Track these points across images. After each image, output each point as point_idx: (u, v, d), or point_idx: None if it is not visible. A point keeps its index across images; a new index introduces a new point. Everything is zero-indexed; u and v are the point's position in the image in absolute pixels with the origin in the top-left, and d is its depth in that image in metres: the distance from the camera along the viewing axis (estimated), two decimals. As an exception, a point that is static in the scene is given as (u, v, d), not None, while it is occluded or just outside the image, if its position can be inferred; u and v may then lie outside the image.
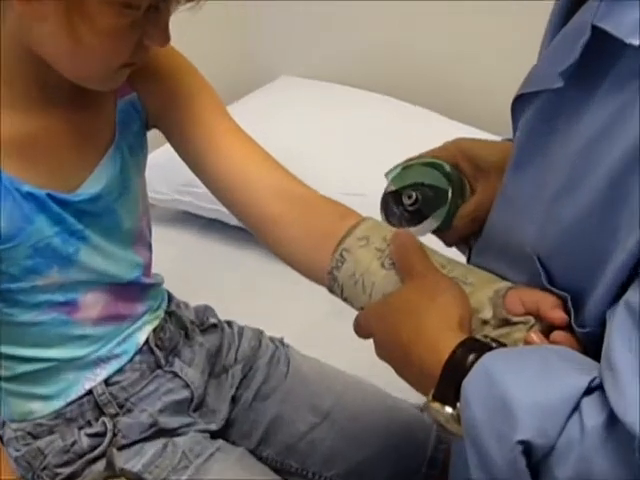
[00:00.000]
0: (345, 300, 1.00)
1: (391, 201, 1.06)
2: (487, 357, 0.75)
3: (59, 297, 1.01)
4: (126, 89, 1.02)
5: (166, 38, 0.90)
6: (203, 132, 1.05)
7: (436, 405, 0.77)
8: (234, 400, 1.21)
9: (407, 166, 1.06)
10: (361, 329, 0.93)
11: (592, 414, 0.67)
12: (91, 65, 0.90)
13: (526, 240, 0.84)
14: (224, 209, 1.85)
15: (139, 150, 1.07)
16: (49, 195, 0.95)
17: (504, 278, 0.91)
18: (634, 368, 0.65)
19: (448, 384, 0.76)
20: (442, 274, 0.92)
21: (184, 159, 1.08)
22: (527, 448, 0.69)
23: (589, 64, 0.74)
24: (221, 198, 1.08)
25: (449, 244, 1.05)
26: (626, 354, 0.66)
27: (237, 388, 1.21)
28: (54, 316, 1.02)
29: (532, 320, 0.85)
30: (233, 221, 1.89)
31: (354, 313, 1.69)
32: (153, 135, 1.10)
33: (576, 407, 0.68)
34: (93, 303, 1.05)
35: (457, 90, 2.17)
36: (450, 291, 0.87)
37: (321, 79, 2.27)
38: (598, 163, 0.73)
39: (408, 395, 1.34)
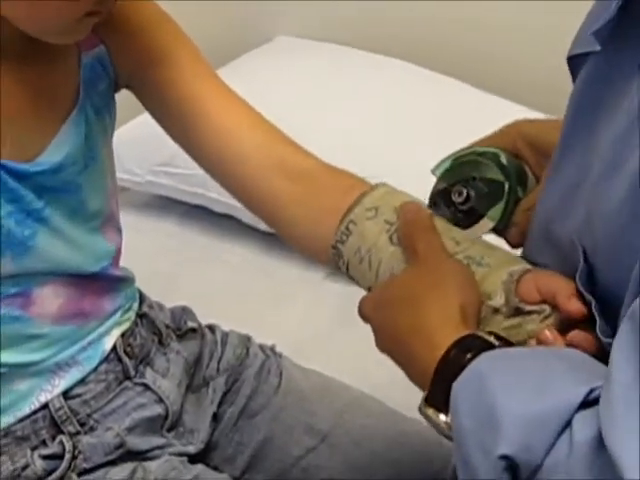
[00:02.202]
0: (351, 279, 1.04)
1: (441, 202, 1.07)
2: (483, 358, 0.77)
3: (11, 289, 1.01)
4: (92, 41, 1.03)
5: None
6: (186, 94, 1.06)
7: (430, 411, 0.80)
8: (216, 418, 1.21)
9: (457, 158, 1.07)
10: (362, 316, 0.97)
11: (582, 429, 0.69)
12: (49, 14, 0.90)
13: (572, 230, 0.85)
14: (209, 193, 1.90)
15: (106, 113, 1.07)
16: (3, 166, 0.95)
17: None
18: (628, 379, 0.66)
19: (441, 387, 0.79)
20: (447, 257, 0.94)
21: (165, 127, 1.10)
22: (512, 464, 0.71)
23: (632, 26, 0.75)
24: (212, 172, 1.11)
25: (514, 245, 1.04)
26: (624, 364, 0.67)
27: (220, 404, 1.21)
28: (5, 311, 1.02)
29: (547, 310, 0.87)
30: (218, 208, 1.92)
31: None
32: (122, 106, 1.11)
33: (569, 423, 0.70)
34: (52, 297, 1.05)
35: (472, 54, 2.22)
36: (453, 277, 0.89)
37: (322, 40, 2.31)
38: (637, 145, 0.74)
39: None
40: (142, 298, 1.20)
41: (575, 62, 0.86)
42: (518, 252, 1.01)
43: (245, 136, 1.08)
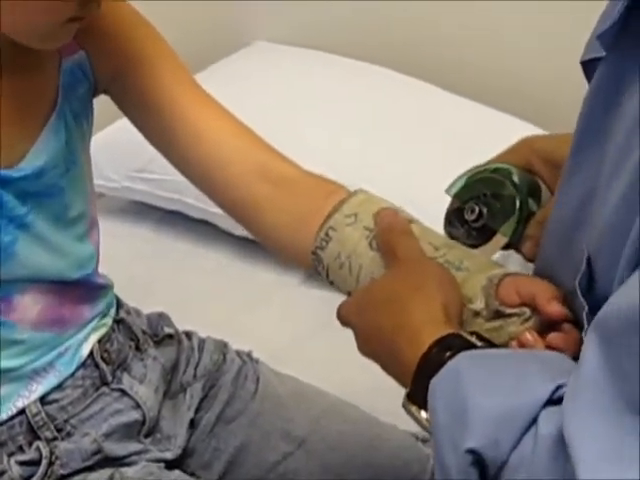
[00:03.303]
0: (331, 284, 1.05)
1: (455, 220, 1.07)
2: (461, 357, 0.79)
3: None
4: (72, 47, 1.03)
5: None
6: (165, 100, 1.07)
7: (413, 408, 0.82)
8: (193, 424, 1.21)
9: (470, 177, 1.08)
10: (341, 321, 0.98)
11: (547, 424, 0.70)
12: (31, 19, 0.91)
13: (584, 238, 0.85)
14: (185, 199, 1.90)
15: (84, 118, 1.08)
16: None
17: (561, 284, 0.92)
18: (592, 376, 0.67)
19: (422, 384, 0.80)
20: (428, 259, 0.96)
21: (144, 133, 1.11)
22: (479, 460, 0.72)
23: (637, 30, 0.75)
24: (192, 178, 1.11)
25: (530, 258, 1.04)
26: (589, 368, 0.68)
27: (197, 410, 1.22)
28: None
29: (527, 312, 0.89)
30: (195, 213, 1.92)
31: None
32: (99, 112, 1.11)
33: (535, 419, 0.71)
34: (32, 303, 1.05)
35: (451, 61, 2.23)
36: (435, 278, 0.91)
37: (300, 45, 2.31)
38: (633, 150, 0.74)
39: (403, 422, 1.36)
40: (119, 304, 1.20)
41: (588, 67, 0.86)
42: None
43: (224, 142, 1.08)
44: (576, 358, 0.81)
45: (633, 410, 0.64)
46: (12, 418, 1.06)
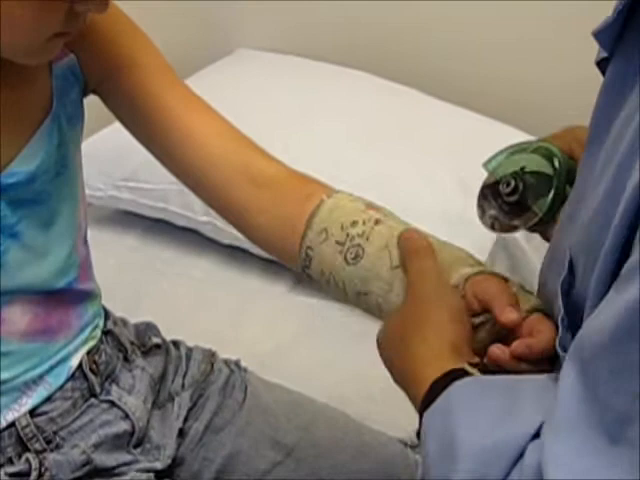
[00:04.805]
0: (330, 295, 1.10)
1: (489, 194, 1.08)
2: (454, 387, 0.79)
3: None
4: (62, 51, 1.03)
5: (103, 4, 0.92)
6: (154, 101, 1.08)
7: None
8: (182, 433, 1.22)
9: (511, 153, 1.08)
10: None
11: (532, 454, 0.69)
12: (16, 37, 0.91)
13: (567, 238, 0.85)
14: (170, 207, 1.89)
15: (76, 120, 1.09)
16: None
17: (548, 285, 0.92)
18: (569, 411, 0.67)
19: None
20: (442, 288, 0.95)
21: (134, 134, 1.12)
22: None
23: (635, 30, 0.76)
24: (182, 179, 1.12)
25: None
26: (566, 391, 0.68)
27: (185, 419, 1.22)
28: None
29: (492, 318, 0.91)
30: (181, 222, 1.92)
31: (328, 332, 1.73)
32: (86, 120, 1.11)
33: (524, 452, 0.70)
34: (19, 314, 1.06)
35: (436, 66, 2.25)
36: (445, 310, 0.91)
37: (284, 52, 2.32)
38: (617, 155, 0.74)
39: (391, 428, 1.37)
40: (107, 315, 1.21)
41: (602, 66, 0.85)
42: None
43: (213, 143, 1.09)
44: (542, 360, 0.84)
45: (609, 437, 0.63)
46: (2, 430, 1.07)
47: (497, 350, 0.87)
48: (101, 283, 1.20)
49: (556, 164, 1.03)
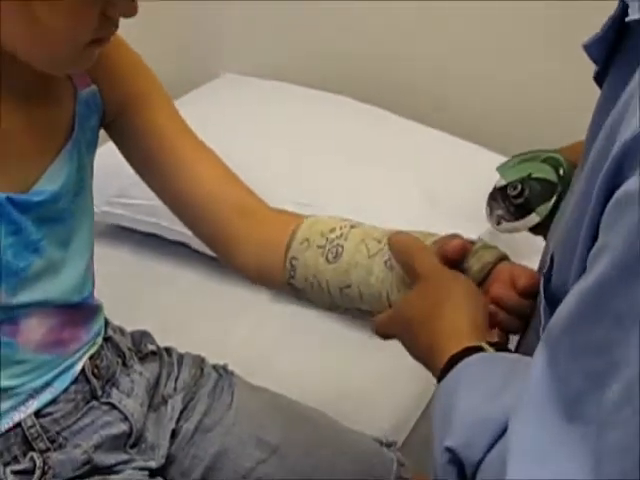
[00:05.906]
0: (310, 302, 1.16)
1: (498, 196, 1.15)
2: (464, 363, 0.85)
3: (1, 315, 1.04)
4: (86, 80, 1.08)
5: (134, 7, 0.94)
6: (158, 140, 1.15)
7: None
8: (174, 434, 1.25)
9: (522, 161, 1.14)
10: (380, 335, 1.04)
11: None
12: (55, 46, 0.94)
13: (552, 237, 0.90)
14: (162, 222, 1.92)
15: (93, 149, 1.13)
16: (9, 199, 0.99)
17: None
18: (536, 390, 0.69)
19: None
20: (448, 271, 1.01)
21: (133, 166, 1.18)
22: (456, 459, 0.77)
23: (623, 46, 0.78)
24: (176, 211, 1.19)
25: None
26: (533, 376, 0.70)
27: (177, 420, 1.25)
28: None
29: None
30: (172, 235, 1.92)
31: (307, 338, 1.75)
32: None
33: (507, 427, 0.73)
34: (36, 326, 1.08)
35: (414, 90, 2.26)
36: (459, 289, 0.97)
37: (268, 77, 2.31)
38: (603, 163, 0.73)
39: (370, 428, 1.42)
40: (107, 322, 1.24)
41: (598, 81, 0.87)
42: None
43: (212, 183, 1.16)
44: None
45: (565, 414, 0.65)
46: (8, 431, 1.09)
47: (500, 289, 0.95)
48: (98, 295, 1.22)
49: (561, 173, 1.10)
